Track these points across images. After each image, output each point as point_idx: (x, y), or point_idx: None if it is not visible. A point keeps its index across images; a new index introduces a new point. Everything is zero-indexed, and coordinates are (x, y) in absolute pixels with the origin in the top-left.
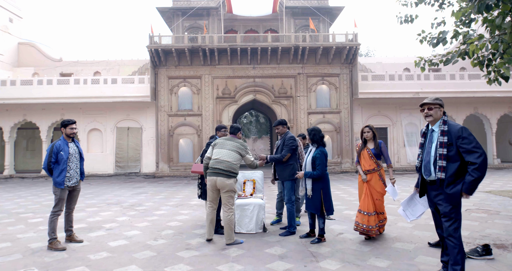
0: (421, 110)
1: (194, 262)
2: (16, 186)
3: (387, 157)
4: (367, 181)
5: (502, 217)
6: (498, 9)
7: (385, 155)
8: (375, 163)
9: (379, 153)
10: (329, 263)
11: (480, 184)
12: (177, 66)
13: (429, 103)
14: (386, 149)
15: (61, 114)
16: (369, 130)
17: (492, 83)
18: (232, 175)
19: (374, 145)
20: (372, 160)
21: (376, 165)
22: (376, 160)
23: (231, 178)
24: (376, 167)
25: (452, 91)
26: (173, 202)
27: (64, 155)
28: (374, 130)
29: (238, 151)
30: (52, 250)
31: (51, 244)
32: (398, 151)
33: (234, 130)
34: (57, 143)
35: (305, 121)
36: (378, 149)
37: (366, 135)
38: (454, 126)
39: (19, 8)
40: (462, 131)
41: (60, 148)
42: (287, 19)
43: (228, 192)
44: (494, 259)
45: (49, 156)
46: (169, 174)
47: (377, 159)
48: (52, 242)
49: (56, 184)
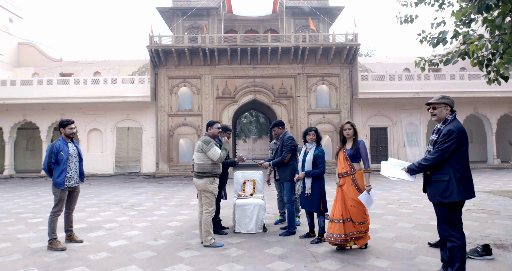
0: (428, 109)
1: (194, 262)
2: (16, 186)
3: (365, 159)
4: (340, 185)
5: (502, 217)
6: (498, 9)
7: (363, 156)
8: (349, 166)
9: (355, 154)
10: (329, 263)
11: (480, 184)
12: (177, 66)
13: (433, 103)
14: (365, 150)
15: (61, 114)
16: (350, 127)
17: (492, 83)
18: (202, 175)
19: (352, 145)
20: (347, 162)
21: (350, 168)
22: (350, 163)
23: (202, 178)
24: (349, 170)
25: (452, 91)
26: (173, 202)
27: (64, 156)
28: (356, 128)
29: (201, 148)
30: (52, 250)
31: (51, 244)
32: (398, 151)
33: (206, 127)
34: (57, 144)
35: (305, 121)
36: (355, 150)
37: (346, 132)
38: (448, 126)
39: (19, 8)
40: (449, 130)
41: (60, 148)
42: (287, 19)
43: (204, 192)
44: (494, 259)
45: (49, 157)
46: (169, 174)
47: (352, 161)
48: (52, 242)
49: (56, 185)
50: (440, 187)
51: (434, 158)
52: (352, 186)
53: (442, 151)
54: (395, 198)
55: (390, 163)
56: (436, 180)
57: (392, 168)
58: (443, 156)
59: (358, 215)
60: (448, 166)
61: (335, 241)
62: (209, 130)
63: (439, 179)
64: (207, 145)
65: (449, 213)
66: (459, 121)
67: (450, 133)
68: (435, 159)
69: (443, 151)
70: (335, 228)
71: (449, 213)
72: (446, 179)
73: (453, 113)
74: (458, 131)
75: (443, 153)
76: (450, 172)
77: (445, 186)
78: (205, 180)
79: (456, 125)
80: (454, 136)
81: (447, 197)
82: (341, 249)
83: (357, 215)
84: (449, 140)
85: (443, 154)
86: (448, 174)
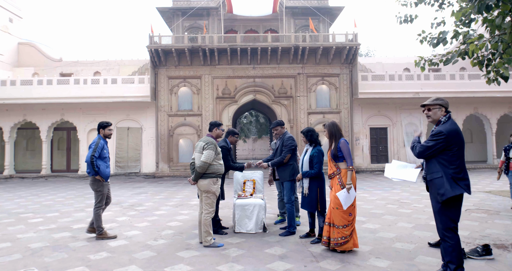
0: (423, 111)
1: (194, 262)
2: (16, 186)
3: (347, 158)
4: (330, 188)
5: (502, 217)
6: (498, 9)
7: (345, 154)
8: (334, 167)
9: (337, 154)
10: (329, 263)
11: (480, 184)
12: (177, 66)
13: (428, 104)
14: (346, 148)
15: (61, 114)
16: (324, 129)
17: (492, 83)
18: (206, 175)
19: (333, 146)
20: (332, 163)
21: (336, 169)
22: (335, 163)
23: (206, 179)
24: (335, 171)
25: (452, 91)
26: (173, 202)
27: (106, 153)
28: (334, 128)
29: (202, 148)
30: (104, 239)
31: (101, 234)
32: (398, 151)
33: (210, 127)
34: (101, 142)
35: (305, 121)
36: (336, 150)
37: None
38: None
39: (19, 8)
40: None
41: (104, 146)
42: (287, 19)
43: (205, 192)
44: (494, 259)
45: (93, 151)
46: (169, 174)
47: (336, 161)
48: (102, 233)
49: (105, 177)
50: (436, 185)
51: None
52: (338, 185)
53: (425, 147)
54: (395, 198)
55: (393, 165)
56: (431, 178)
57: (395, 170)
58: (425, 152)
59: (341, 218)
60: (438, 165)
61: (322, 243)
62: (214, 130)
63: (433, 177)
64: (204, 147)
65: (451, 214)
66: (455, 122)
67: (437, 134)
68: (417, 153)
69: (426, 148)
70: (325, 230)
71: (451, 214)
72: (439, 176)
73: (447, 114)
74: (447, 132)
75: (426, 150)
76: (441, 170)
77: (440, 183)
78: (209, 180)
79: (448, 127)
80: (441, 137)
81: (443, 194)
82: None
83: (339, 217)
84: (434, 140)
85: (425, 150)
86: (440, 172)
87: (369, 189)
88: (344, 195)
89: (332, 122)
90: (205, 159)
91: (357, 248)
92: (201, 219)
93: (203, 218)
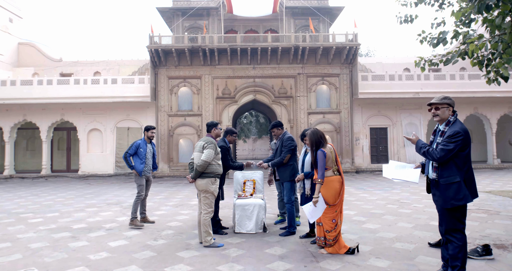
0: (429, 110)
1: (194, 262)
2: (16, 186)
3: (319, 169)
4: None
5: (502, 217)
6: (498, 9)
7: (318, 166)
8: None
9: (316, 163)
10: (329, 263)
11: (480, 184)
12: (177, 66)
13: (436, 103)
14: (321, 159)
15: (61, 114)
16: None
17: (492, 83)
18: (205, 175)
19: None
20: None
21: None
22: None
23: (204, 178)
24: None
25: (452, 91)
26: (173, 202)
27: (142, 152)
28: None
29: (203, 148)
30: (132, 226)
31: (132, 221)
32: (398, 151)
33: (208, 128)
34: (138, 142)
35: (305, 121)
36: (314, 158)
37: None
38: (453, 127)
39: (19, 8)
40: (455, 131)
41: (140, 146)
42: (287, 19)
43: (204, 192)
44: (494, 259)
45: (129, 148)
46: (169, 174)
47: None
48: (133, 220)
49: (138, 172)
50: (451, 190)
51: (438, 155)
52: None
53: (447, 150)
54: (395, 198)
55: (391, 165)
56: (446, 183)
57: (394, 170)
58: (447, 155)
59: (327, 221)
60: (455, 168)
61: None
62: (213, 131)
63: (449, 182)
64: (204, 147)
65: (460, 215)
66: (461, 121)
67: (455, 135)
68: (438, 158)
69: (448, 151)
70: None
71: (460, 215)
72: (457, 181)
73: (454, 113)
74: (464, 132)
75: (448, 153)
76: (458, 174)
77: (457, 188)
78: (207, 180)
79: (461, 126)
80: (459, 137)
81: (461, 199)
82: None
83: (325, 220)
84: (453, 142)
85: (447, 154)
86: (457, 176)
87: (369, 189)
88: (310, 208)
89: (313, 131)
90: (206, 158)
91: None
92: (201, 219)
93: (202, 218)
